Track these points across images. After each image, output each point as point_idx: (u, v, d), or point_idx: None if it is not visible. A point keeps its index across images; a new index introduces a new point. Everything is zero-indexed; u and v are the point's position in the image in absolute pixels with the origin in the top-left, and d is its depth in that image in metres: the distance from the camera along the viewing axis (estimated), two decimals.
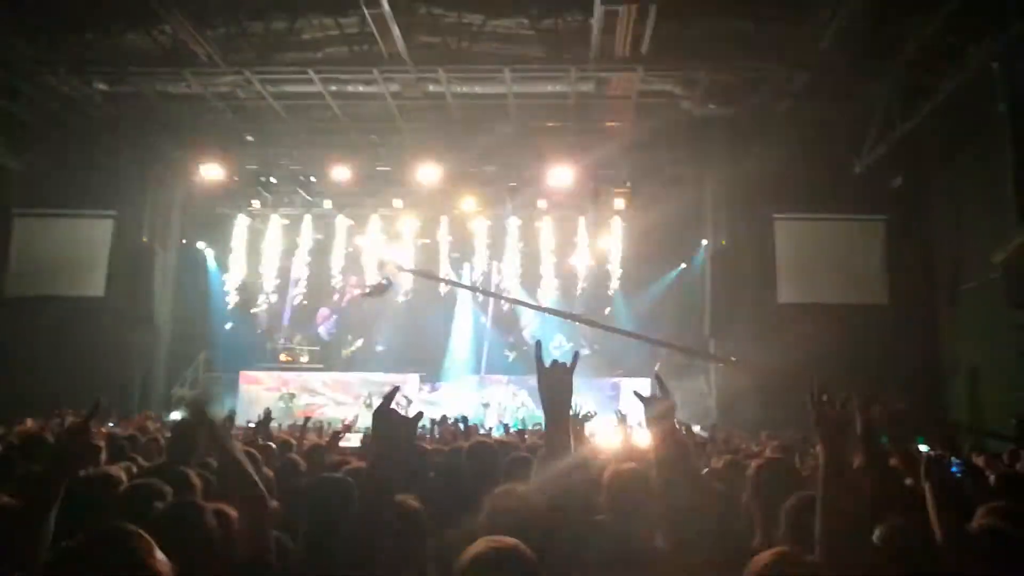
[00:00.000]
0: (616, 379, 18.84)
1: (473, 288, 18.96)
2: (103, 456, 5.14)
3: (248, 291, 19.97)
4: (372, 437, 2.19)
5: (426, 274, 19.06)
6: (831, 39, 12.29)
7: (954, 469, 3.63)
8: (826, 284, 15.95)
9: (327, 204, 19.49)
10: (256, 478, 2.40)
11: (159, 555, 1.70)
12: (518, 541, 1.97)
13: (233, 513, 2.50)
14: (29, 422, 9.70)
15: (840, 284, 15.97)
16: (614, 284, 19.68)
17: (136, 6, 12.27)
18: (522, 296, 19.56)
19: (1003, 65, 11.01)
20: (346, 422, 10.00)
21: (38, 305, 16.08)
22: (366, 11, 11.54)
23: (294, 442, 6.10)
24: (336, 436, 6.24)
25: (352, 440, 8.40)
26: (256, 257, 20.04)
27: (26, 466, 3.56)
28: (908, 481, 3.28)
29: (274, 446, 5.62)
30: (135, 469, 4.26)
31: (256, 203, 19.43)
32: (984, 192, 12.77)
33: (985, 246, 12.45)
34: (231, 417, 8.43)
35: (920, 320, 15.18)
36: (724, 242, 17.01)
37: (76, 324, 15.80)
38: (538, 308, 18.56)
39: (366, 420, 13.07)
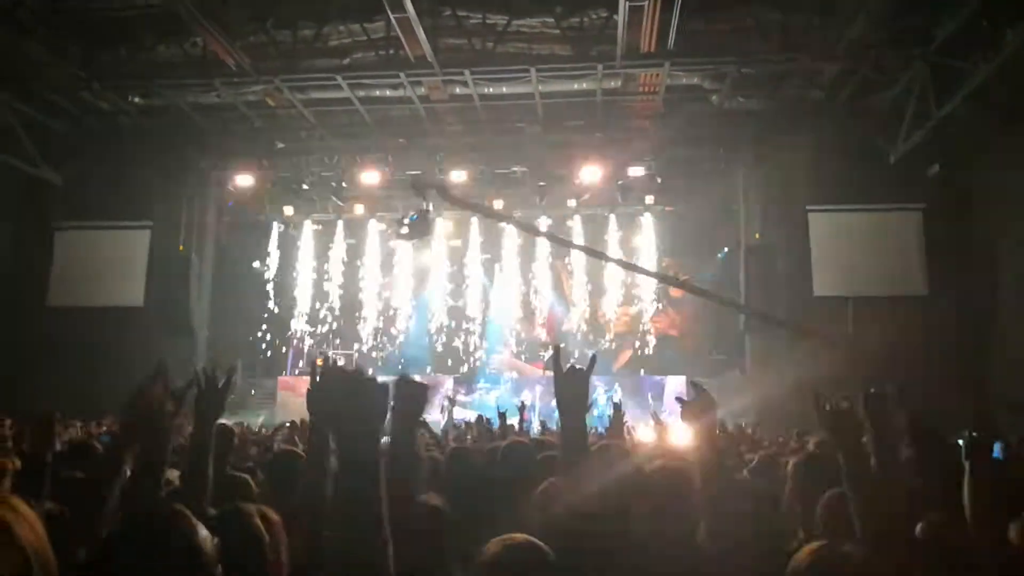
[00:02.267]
0: (659, 377, 18.78)
1: (517, 222, 18.15)
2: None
3: (286, 297, 20.18)
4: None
5: (466, 203, 17.78)
6: (861, 26, 12.09)
7: (996, 454, 3.53)
8: (863, 276, 15.64)
9: (359, 209, 19.63)
10: None
11: (203, 533, 1.70)
12: (530, 536, 1.94)
13: (275, 517, 2.49)
14: (70, 427, 9.80)
15: (877, 276, 15.65)
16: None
17: (167, 19, 12.50)
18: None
19: None
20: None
21: (80, 315, 16.37)
22: (391, 15, 11.60)
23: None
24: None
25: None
26: (291, 263, 20.25)
27: (71, 474, 3.57)
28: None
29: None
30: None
31: (289, 210, 19.64)
32: None
33: None
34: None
35: (961, 310, 14.84)
36: (758, 236, 16.80)
37: (116, 333, 16.04)
38: (601, 256, 17.71)
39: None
